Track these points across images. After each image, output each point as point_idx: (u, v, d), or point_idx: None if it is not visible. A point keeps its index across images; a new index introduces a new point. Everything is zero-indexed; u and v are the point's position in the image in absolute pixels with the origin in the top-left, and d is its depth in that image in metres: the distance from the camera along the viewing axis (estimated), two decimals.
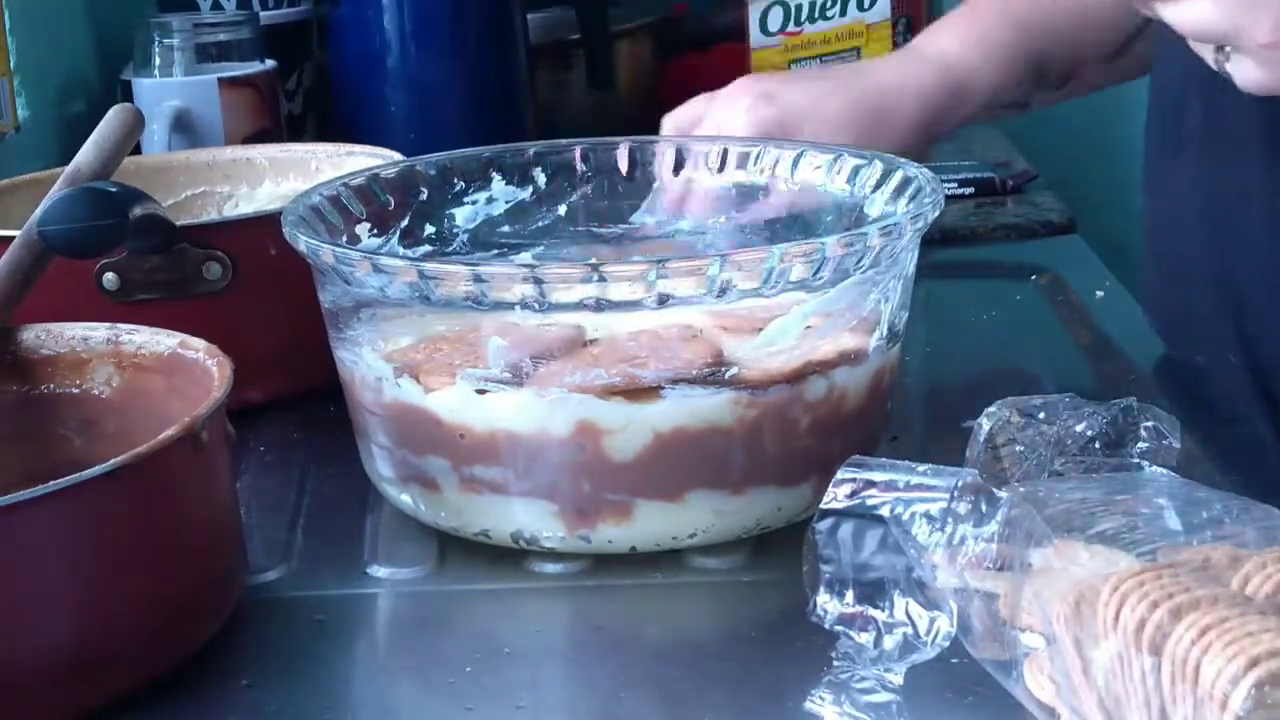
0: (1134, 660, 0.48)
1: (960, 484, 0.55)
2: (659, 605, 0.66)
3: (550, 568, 0.68)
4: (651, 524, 0.66)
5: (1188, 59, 0.72)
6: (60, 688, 0.56)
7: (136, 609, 0.58)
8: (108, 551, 0.57)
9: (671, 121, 0.99)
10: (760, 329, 0.68)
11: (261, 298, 0.83)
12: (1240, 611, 0.47)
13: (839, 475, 0.56)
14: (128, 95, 1.22)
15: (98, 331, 0.71)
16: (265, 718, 0.58)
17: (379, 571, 0.68)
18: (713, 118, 0.97)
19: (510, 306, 0.63)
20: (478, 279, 0.63)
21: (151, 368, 0.69)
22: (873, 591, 0.55)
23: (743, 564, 0.67)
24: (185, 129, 1.21)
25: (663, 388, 0.64)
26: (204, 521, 0.62)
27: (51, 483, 0.54)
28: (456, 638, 0.64)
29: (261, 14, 1.33)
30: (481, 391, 0.65)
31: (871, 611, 0.55)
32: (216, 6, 1.38)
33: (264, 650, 0.63)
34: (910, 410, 0.80)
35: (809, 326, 0.67)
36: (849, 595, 0.55)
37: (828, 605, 0.55)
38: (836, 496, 0.56)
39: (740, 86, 0.99)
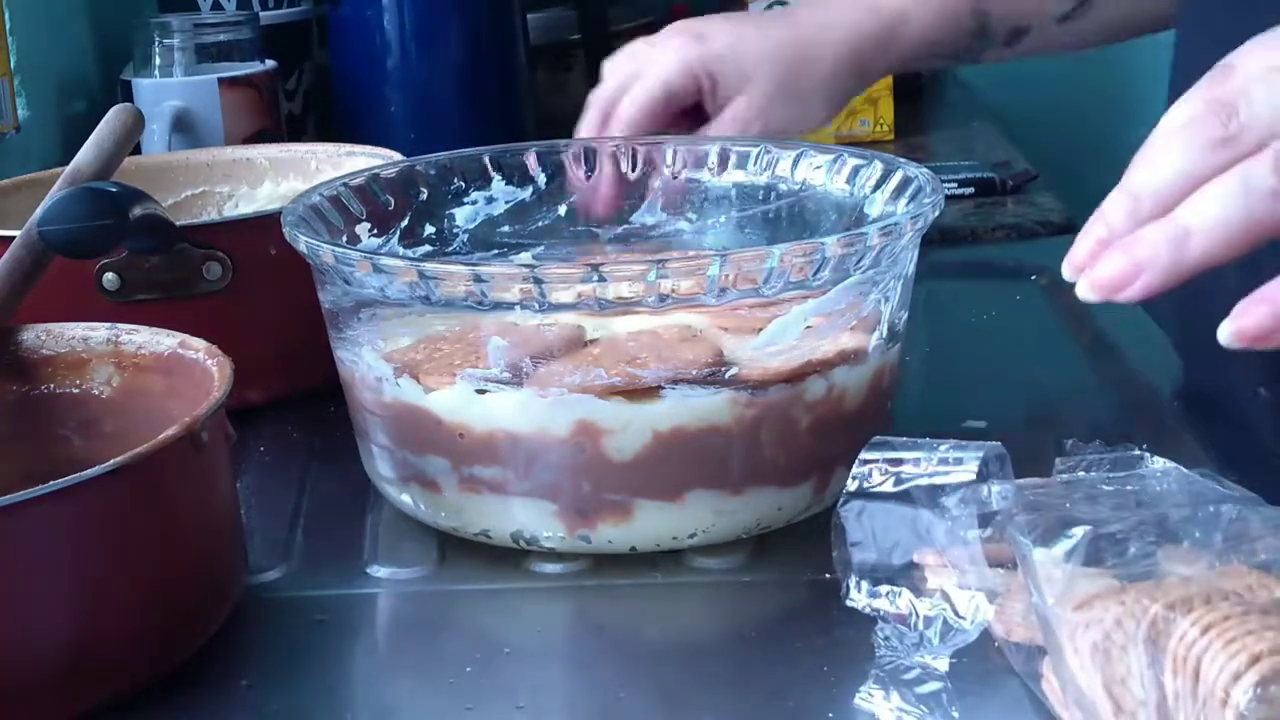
0: (1135, 659, 0.48)
1: (988, 457, 0.55)
2: (659, 605, 0.66)
3: (550, 568, 0.68)
4: (651, 524, 0.66)
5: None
6: (60, 688, 0.56)
7: (136, 609, 0.58)
8: (108, 551, 0.56)
9: (611, 66, 0.97)
10: (760, 329, 0.68)
11: (261, 298, 0.83)
12: (1242, 609, 0.47)
13: (863, 456, 0.56)
14: (128, 95, 1.22)
15: (98, 331, 0.70)
16: (265, 718, 0.58)
17: (379, 571, 0.68)
18: (645, 56, 0.96)
19: (510, 306, 0.63)
20: (478, 279, 0.63)
21: (151, 368, 0.69)
22: (903, 573, 0.55)
23: (743, 564, 0.67)
24: (185, 129, 1.21)
25: (662, 388, 0.64)
26: (204, 521, 0.62)
27: (51, 483, 0.54)
28: (456, 638, 0.64)
29: (261, 14, 1.33)
30: (481, 391, 0.65)
31: (904, 595, 0.55)
32: (216, 6, 1.38)
33: (264, 650, 0.63)
34: (910, 410, 0.80)
35: (809, 326, 0.66)
36: (880, 577, 0.55)
37: (859, 588, 0.55)
38: (861, 478, 0.55)
39: (675, 27, 0.98)
